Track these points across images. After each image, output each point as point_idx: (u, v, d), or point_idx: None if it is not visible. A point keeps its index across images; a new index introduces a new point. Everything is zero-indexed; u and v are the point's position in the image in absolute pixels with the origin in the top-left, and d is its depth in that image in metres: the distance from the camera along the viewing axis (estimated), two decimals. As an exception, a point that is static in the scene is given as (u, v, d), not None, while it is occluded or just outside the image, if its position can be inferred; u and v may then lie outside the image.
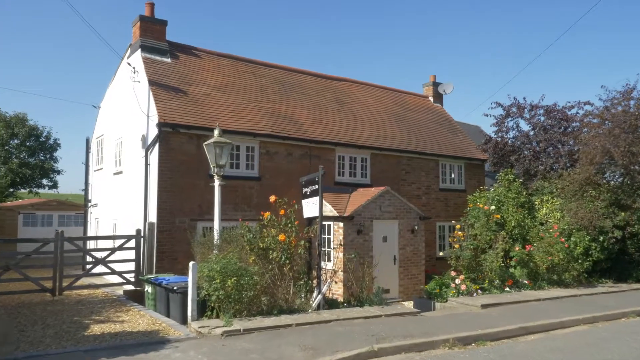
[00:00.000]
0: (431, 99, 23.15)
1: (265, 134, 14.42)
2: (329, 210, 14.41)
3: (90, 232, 18.79)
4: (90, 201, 19.08)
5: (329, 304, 9.95)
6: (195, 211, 13.22)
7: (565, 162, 17.31)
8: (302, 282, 9.73)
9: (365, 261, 12.62)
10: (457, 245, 12.66)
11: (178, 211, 12.97)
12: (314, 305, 9.36)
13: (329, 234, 14.33)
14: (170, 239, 12.69)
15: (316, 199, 9.74)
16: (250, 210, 14.02)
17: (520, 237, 15.71)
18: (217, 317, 8.48)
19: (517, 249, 13.81)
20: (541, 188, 17.17)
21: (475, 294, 11.68)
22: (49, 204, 26.12)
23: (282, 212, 9.44)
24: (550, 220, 16.58)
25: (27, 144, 34.61)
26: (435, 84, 23.27)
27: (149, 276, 10.51)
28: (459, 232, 12.94)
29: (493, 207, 14.22)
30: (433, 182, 18.50)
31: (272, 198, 9.51)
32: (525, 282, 13.13)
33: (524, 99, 18.86)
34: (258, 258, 9.43)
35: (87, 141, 19.52)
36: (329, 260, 14.22)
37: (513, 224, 15.57)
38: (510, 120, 18.99)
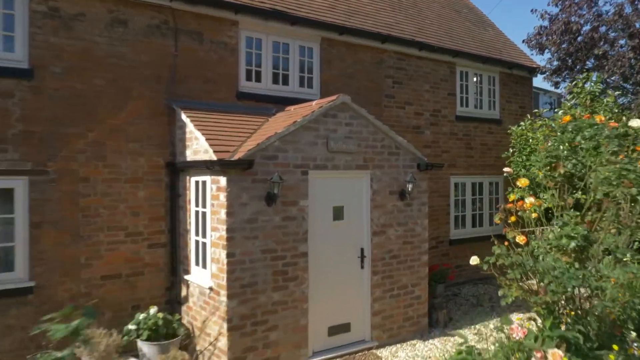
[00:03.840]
0: (440, -23, 14.23)
1: (38, -39, 5.87)
2: (202, 148, 6.11)
3: None
4: None
5: None
6: None
7: None
8: None
9: (269, 279, 4.50)
10: (521, 239, 4.33)
11: None
12: None
13: (203, 205, 6.03)
14: None
15: None
16: (5, 152, 5.71)
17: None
18: None
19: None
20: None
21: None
22: None
23: None
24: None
25: None
26: (448, -46, 14.27)
27: None
28: (528, 201, 4.57)
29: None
30: (445, 104, 10.01)
31: None
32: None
33: None
34: None
35: None
36: (204, 266, 6.06)
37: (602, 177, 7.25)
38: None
